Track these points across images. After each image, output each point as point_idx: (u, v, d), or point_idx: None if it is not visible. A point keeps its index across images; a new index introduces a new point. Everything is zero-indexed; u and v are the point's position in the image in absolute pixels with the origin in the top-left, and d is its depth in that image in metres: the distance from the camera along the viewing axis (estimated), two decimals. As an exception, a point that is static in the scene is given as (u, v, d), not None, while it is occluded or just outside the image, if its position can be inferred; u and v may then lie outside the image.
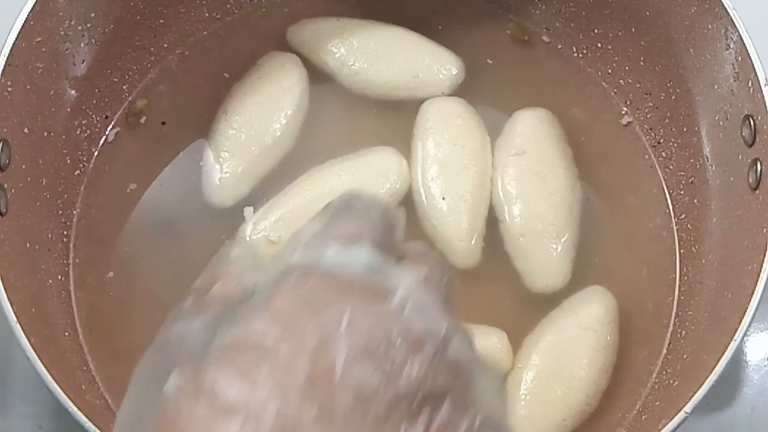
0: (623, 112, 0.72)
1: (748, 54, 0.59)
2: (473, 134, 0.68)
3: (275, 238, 0.64)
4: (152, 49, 0.71)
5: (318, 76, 0.71)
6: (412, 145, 0.68)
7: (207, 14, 0.72)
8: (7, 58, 0.57)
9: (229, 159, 0.67)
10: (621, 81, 0.71)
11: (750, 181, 0.59)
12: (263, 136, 0.68)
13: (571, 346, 0.63)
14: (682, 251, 0.67)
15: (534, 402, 0.62)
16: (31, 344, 0.52)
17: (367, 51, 0.70)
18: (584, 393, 0.62)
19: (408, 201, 0.67)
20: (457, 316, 0.37)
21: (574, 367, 0.63)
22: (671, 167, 0.69)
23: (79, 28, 0.64)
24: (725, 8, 0.60)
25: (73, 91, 0.66)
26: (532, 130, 0.68)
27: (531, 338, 0.64)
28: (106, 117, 0.69)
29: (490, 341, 0.63)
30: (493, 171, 0.68)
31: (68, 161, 0.66)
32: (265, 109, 0.68)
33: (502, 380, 0.42)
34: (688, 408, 0.53)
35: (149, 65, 0.71)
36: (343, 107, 0.71)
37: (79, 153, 0.68)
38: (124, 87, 0.70)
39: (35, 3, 0.59)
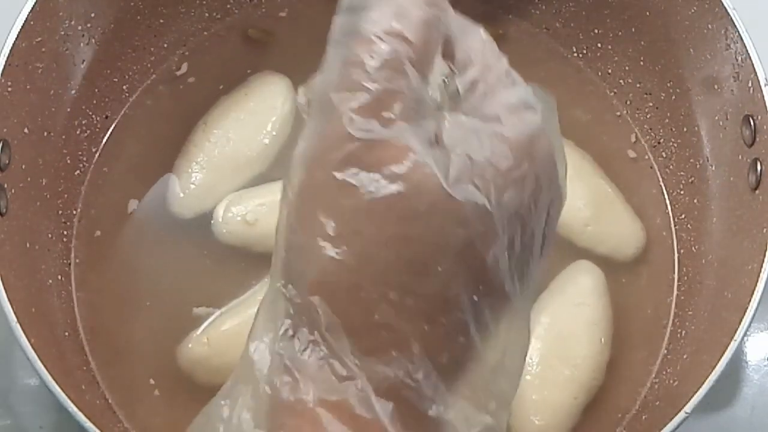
0: (623, 112, 0.72)
1: (748, 54, 0.59)
2: None
3: (252, 220, 0.64)
4: (152, 49, 0.71)
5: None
6: None
7: (207, 14, 0.72)
8: (7, 58, 0.57)
9: (198, 171, 0.67)
10: (621, 81, 0.71)
11: (750, 181, 0.59)
12: (237, 154, 0.67)
13: (568, 325, 0.63)
14: (682, 251, 0.67)
15: (543, 385, 0.62)
16: (31, 344, 0.52)
17: None
18: (590, 368, 0.63)
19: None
20: None
21: (575, 345, 0.63)
22: (671, 167, 0.69)
23: (79, 28, 0.64)
24: (725, 8, 0.60)
25: (73, 91, 0.66)
26: None
27: None
28: (106, 117, 0.69)
29: None
30: None
31: (68, 161, 0.66)
32: (245, 127, 0.68)
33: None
34: (688, 408, 0.53)
35: (149, 65, 0.71)
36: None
37: (79, 153, 0.68)
38: (124, 87, 0.70)
39: (35, 3, 0.59)
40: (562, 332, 0.63)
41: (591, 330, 0.63)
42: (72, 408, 0.51)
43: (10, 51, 0.58)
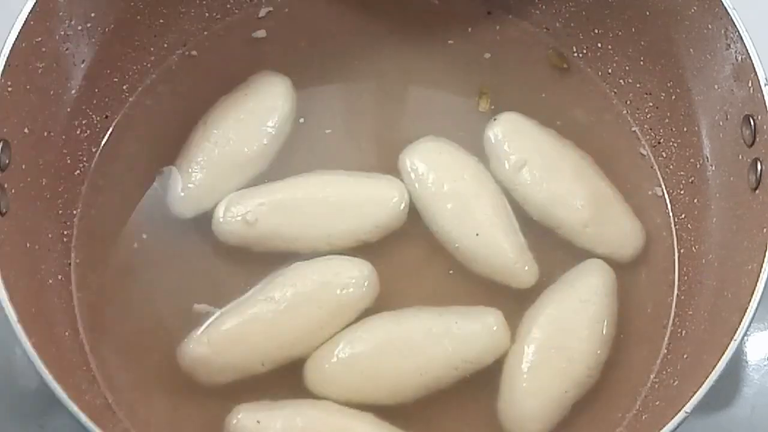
0: (623, 113, 0.72)
1: (748, 54, 0.59)
2: (465, 163, 0.68)
3: (252, 220, 0.64)
4: (152, 49, 0.71)
5: (306, 101, 0.70)
6: (412, 193, 0.67)
7: (207, 14, 0.72)
8: (7, 58, 0.57)
9: (198, 171, 0.67)
10: (621, 81, 0.71)
11: (750, 181, 0.59)
12: (237, 153, 0.67)
13: (571, 319, 0.64)
14: (682, 251, 0.68)
15: (536, 375, 0.62)
16: (31, 344, 0.52)
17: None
18: (585, 364, 0.63)
19: (443, 252, 0.66)
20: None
21: (574, 340, 0.63)
22: (671, 167, 0.69)
23: (79, 28, 0.64)
24: (725, 8, 0.60)
25: (73, 91, 0.66)
26: (516, 138, 0.68)
27: (531, 313, 0.64)
28: (106, 117, 0.69)
29: (486, 321, 0.63)
30: (511, 195, 0.67)
31: (68, 161, 0.66)
32: (245, 127, 0.68)
33: None
34: (688, 408, 0.53)
35: (149, 65, 0.71)
36: (326, 137, 0.70)
37: (79, 153, 0.68)
38: (124, 87, 0.70)
39: (35, 3, 0.59)
40: (564, 325, 0.63)
41: (592, 327, 0.64)
42: (72, 408, 0.51)
43: (10, 51, 0.58)
